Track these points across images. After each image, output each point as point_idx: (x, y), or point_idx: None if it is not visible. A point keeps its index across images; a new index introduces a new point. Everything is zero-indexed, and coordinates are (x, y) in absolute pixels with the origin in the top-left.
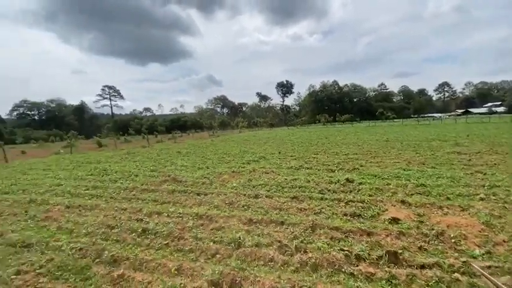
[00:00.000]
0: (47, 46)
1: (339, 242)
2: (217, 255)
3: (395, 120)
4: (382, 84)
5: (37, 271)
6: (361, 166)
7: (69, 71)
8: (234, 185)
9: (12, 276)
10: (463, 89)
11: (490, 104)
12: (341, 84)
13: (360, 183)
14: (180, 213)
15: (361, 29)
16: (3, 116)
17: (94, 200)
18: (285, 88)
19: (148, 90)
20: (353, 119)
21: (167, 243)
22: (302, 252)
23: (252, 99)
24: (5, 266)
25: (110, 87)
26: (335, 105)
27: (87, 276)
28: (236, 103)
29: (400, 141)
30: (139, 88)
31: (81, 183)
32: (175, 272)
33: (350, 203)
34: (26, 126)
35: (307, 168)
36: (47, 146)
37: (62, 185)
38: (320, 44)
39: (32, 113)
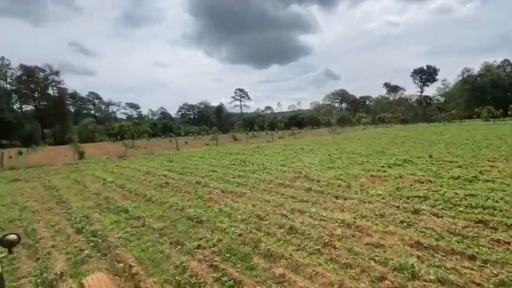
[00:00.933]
0: (197, 61)
1: None
2: (385, 281)
3: None
4: None
5: (212, 249)
6: None
7: (211, 79)
8: (379, 192)
9: (194, 250)
10: None
11: None
12: None
13: None
14: (323, 216)
15: None
16: (173, 115)
17: (240, 188)
18: (426, 75)
19: (268, 90)
20: None
21: (318, 248)
22: None
23: (376, 92)
24: (188, 238)
25: (240, 90)
26: (505, 93)
27: (251, 265)
28: (357, 97)
29: None
30: (261, 89)
31: (228, 171)
32: None
33: None
34: (186, 123)
35: (486, 181)
36: (199, 138)
37: (215, 171)
38: (476, 15)
39: (189, 112)
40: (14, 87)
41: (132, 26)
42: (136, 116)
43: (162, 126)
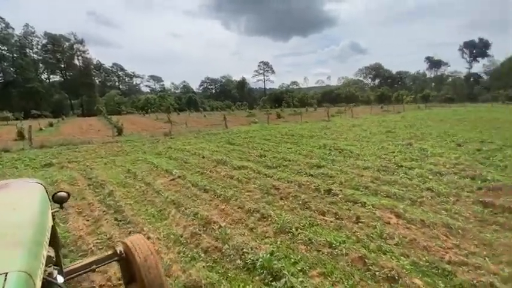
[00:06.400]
0: (215, 33)
1: None
2: None
3: None
4: None
5: None
6: None
7: (230, 52)
8: None
9: None
10: None
11: None
12: None
13: None
14: None
15: None
16: (195, 89)
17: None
18: (477, 49)
19: (289, 64)
20: None
21: None
22: None
23: (413, 67)
24: None
25: (264, 63)
26: None
27: None
28: (393, 72)
29: None
30: (281, 63)
31: (348, 170)
32: None
33: None
34: (208, 97)
35: None
36: (232, 114)
37: (324, 165)
38: None
39: (211, 87)
40: (40, 57)
41: None
42: (159, 89)
43: (187, 100)
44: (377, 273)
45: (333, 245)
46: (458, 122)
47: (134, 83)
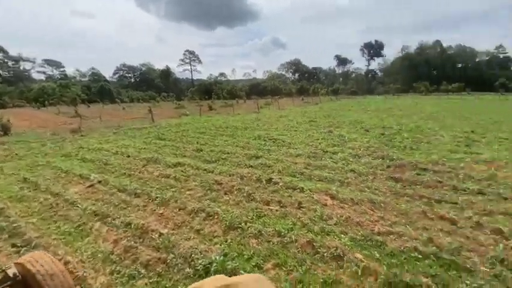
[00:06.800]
0: (131, 14)
1: None
2: None
3: None
4: (500, 46)
5: None
6: None
7: (152, 38)
8: None
9: None
10: None
11: None
12: (444, 45)
13: None
14: None
15: None
16: (108, 78)
17: None
18: (374, 49)
19: (214, 55)
20: (462, 89)
21: None
22: None
23: (324, 64)
24: None
25: (190, 52)
26: (434, 71)
27: None
28: (310, 67)
29: None
30: (207, 53)
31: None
32: None
33: None
34: (126, 87)
35: None
36: (158, 106)
37: (266, 156)
38: None
39: (129, 75)
40: None
41: None
42: (59, 77)
43: (99, 90)
44: (325, 254)
45: (282, 234)
46: (363, 111)
47: (22, 68)
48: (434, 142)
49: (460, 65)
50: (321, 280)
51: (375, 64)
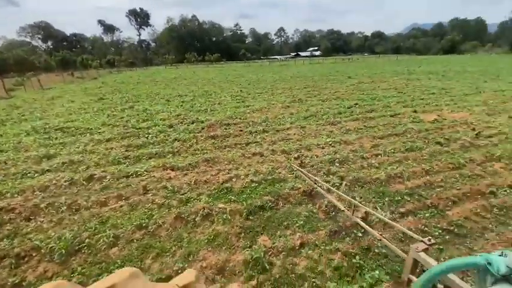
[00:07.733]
0: None
1: None
2: None
3: (256, 61)
4: (237, 24)
5: None
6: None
7: None
8: None
9: None
10: (293, 34)
11: (310, 49)
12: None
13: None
14: None
15: None
16: None
17: None
18: (140, 18)
19: None
20: (220, 59)
21: None
22: None
23: (84, 29)
24: None
25: None
26: (198, 43)
27: None
28: (68, 34)
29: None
30: None
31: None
32: None
33: None
34: None
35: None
36: None
37: None
38: None
39: None
40: None
41: None
42: None
43: None
44: (196, 218)
45: (145, 225)
46: (153, 83)
47: None
48: (223, 102)
49: (214, 39)
50: (209, 238)
51: (145, 34)
